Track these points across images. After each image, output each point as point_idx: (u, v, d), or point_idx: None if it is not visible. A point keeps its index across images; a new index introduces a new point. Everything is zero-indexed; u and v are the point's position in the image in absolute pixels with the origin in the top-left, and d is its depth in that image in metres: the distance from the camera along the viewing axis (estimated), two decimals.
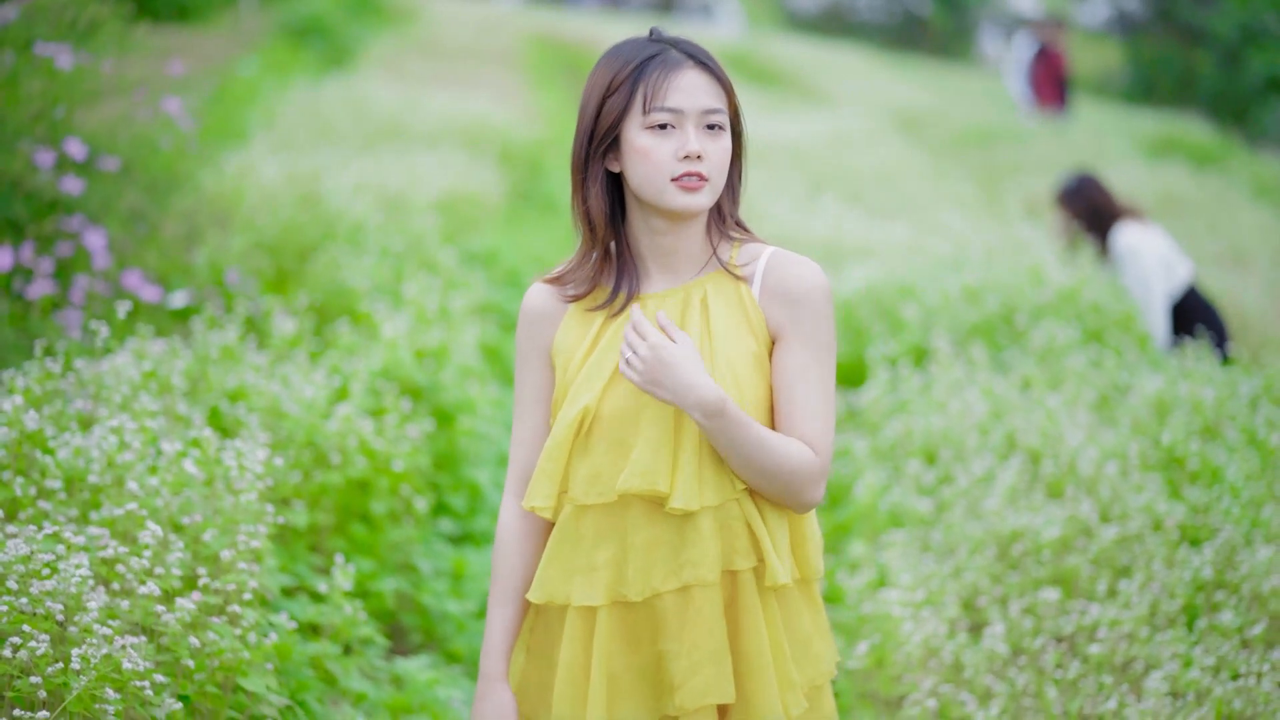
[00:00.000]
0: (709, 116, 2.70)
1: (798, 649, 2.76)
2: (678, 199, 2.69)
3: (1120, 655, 4.11)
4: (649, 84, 2.69)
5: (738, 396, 2.68)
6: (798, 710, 2.72)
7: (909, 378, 6.16)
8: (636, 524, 2.70)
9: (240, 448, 3.90)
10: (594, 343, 2.76)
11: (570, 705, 2.72)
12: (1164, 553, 4.51)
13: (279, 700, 3.54)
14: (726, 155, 2.72)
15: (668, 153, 2.68)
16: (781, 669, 2.72)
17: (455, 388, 5.79)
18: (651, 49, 2.73)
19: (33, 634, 3.03)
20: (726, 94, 2.74)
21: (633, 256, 2.80)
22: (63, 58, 6.36)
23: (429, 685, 4.23)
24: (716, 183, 2.72)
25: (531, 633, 2.82)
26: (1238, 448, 5.18)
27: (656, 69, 2.70)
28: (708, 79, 2.71)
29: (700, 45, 2.76)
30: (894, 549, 4.81)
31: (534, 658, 2.81)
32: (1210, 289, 8.45)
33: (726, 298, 2.75)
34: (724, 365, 2.69)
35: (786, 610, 2.76)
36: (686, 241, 2.77)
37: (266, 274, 6.87)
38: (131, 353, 4.56)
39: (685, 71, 2.70)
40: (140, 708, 3.14)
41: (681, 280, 2.78)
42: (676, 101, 2.68)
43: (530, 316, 2.85)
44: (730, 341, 2.72)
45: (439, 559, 5.21)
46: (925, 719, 4.06)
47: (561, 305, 2.83)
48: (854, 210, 10.09)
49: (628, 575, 2.70)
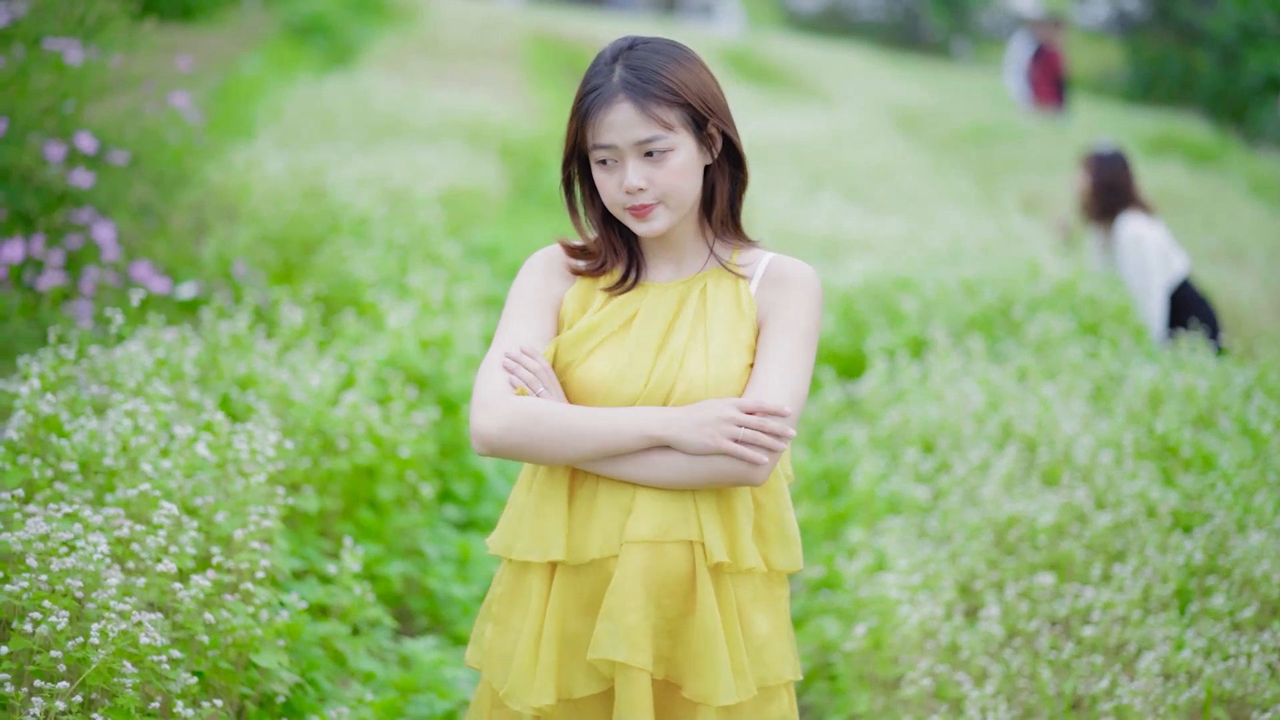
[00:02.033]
0: (645, 146, 2.75)
1: (751, 645, 2.82)
2: (637, 226, 2.81)
3: (1113, 637, 4.18)
4: (589, 122, 2.78)
5: (725, 385, 2.77)
6: (744, 695, 2.77)
7: (907, 368, 6.24)
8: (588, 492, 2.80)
9: (252, 431, 3.99)
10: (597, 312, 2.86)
11: (523, 666, 2.80)
12: (1157, 538, 4.59)
13: (290, 677, 3.62)
14: (678, 175, 2.77)
15: (614, 186, 2.79)
16: (734, 650, 2.78)
17: (460, 377, 5.87)
18: (599, 76, 2.79)
19: (53, 609, 3.11)
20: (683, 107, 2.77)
21: (640, 247, 2.91)
22: (72, 53, 6.44)
23: (436, 666, 4.31)
24: (672, 201, 2.79)
25: (497, 602, 2.89)
26: (1230, 436, 5.27)
27: (593, 103, 2.78)
28: (636, 109, 2.75)
29: (648, 62, 2.78)
30: (892, 535, 4.89)
31: (500, 628, 2.88)
32: (1206, 283, 8.53)
33: (725, 292, 2.86)
34: (715, 354, 2.79)
35: (744, 601, 2.82)
36: (678, 237, 2.88)
37: (272, 266, 6.95)
38: (144, 341, 4.64)
39: (615, 106, 2.75)
40: (156, 681, 3.21)
41: (684, 273, 2.89)
42: (609, 139, 2.76)
43: (544, 267, 2.92)
44: (723, 332, 2.81)
45: (445, 544, 5.30)
46: (922, 699, 4.14)
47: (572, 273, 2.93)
48: (852, 206, 10.17)
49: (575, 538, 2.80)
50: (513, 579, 2.87)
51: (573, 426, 2.73)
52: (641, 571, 2.75)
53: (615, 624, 2.74)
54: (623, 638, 2.74)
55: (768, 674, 2.84)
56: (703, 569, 2.78)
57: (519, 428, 2.74)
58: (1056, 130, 16.15)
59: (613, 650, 2.74)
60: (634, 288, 2.89)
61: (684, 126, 2.78)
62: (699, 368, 2.78)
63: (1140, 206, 7.72)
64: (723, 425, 2.70)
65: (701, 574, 2.77)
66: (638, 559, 2.76)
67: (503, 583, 2.90)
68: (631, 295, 2.88)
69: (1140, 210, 7.72)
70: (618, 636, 2.74)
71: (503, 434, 2.74)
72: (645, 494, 2.77)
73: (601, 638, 2.75)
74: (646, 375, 2.79)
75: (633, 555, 2.76)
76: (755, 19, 35.71)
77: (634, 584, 2.75)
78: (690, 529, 2.77)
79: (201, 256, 6.72)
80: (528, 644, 2.80)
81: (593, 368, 2.82)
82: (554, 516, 2.81)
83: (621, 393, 2.78)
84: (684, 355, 2.80)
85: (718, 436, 2.70)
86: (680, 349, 2.80)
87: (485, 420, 2.76)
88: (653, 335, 2.82)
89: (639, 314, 2.85)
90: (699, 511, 2.78)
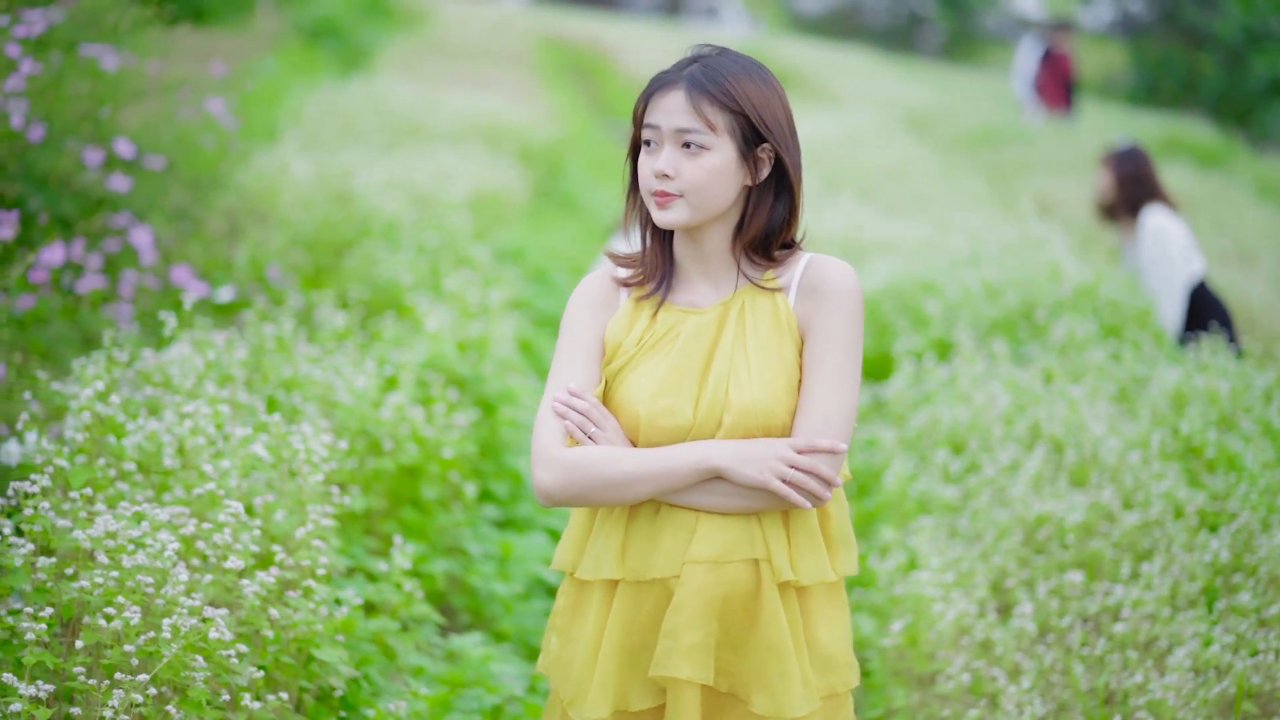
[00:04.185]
0: (684, 135, 2.79)
1: (820, 654, 2.85)
2: (656, 214, 2.84)
3: (1143, 634, 4.27)
4: (648, 104, 2.84)
5: (773, 406, 2.79)
6: (810, 707, 2.80)
7: (933, 370, 6.33)
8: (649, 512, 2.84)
9: (306, 432, 4.09)
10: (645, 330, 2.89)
11: (581, 678, 2.85)
12: (1184, 537, 4.68)
13: (349, 671, 3.72)
14: (707, 174, 2.79)
15: (649, 169, 2.83)
16: (800, 662, 2.80)
17: (496, 379, 5.98)
18: (673, 69, 2.85)
19: (125, 605, 3.20)
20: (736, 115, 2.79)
21: (673, 259, 2.93)
22: (107, 59, 6.53)
23: (483, 661, 4.41)
24: (694, 200, 2.80)
25: (560, 615, 2.95)
26: (1253, 437, 5.36)
27: (656, 88, 2.84)
28: (687, 100, 2.78)
29: (721, 67, 2.81)
30: (923, 534, 4.98)
31: (562, 639, 2.93)
32: (1217, 285, 8.60)
33: (764, 310, 2.86)
34: (757, 378, 2.80)
35: (809, 610, 2.85)
36: (709, 251, 2.88)
37: (304, 270, 7.06)
38: (192, 344, 4.74)
39: (671, 92, 2.81)
40: (224, 675, 3.31)
41: (720, 291, 2.89)
42: (655, 119, 2.82)
43: (591, 299, 2.95)
44: (765, 353, 2.82)
45: (486, 542, 5.41)
46: (958, 694, 4.24)
47: (617, 299, 2.95)
48: (867, 207, 10.26)
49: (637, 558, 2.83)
50: (575, 593, 2.93)
51: (627, 474, 2.77)
52: (703, 590, 2.78)
53: (676, 642, 2.77)
54: (684, 655, 2.77)
55: (835, 681, 2.87)
56: (768, 584, 2.80)
57: (576, 481, 2.78)
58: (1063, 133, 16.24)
59: (675, 668, 2.77)
60: (672, 306, 2.90)
61: (729, 134, 2.79)
62: (744, 393, 2.79)
63: (1165, 200, 7.77)
64: (773, 463, 2.74)
65: (766, 589, 2.80)
66: (700, 578, 2.79)
67: (566, 595, 2.95)
68: (673, 318, 2.89)
69: (1165, 204, 7.77)
70: (679, 654, 2.77)
71: (562, 488, 2.80)
72: (708, 515, 2.80)
73: (663, 655, 2.78)
74: (694, 402, 2.80)
75: (695, 575, 2.79)
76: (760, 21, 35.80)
77: (696, 603, 2.78)
78: (755, 548, 2.81)
79: (235, 260, 6.82)
80: (586, 657, 2.85)
81: (638, 392, 2.84)
82: (613, 536, 2.85)
83: (673, 424, 2.80)
84: (728, 381, 2.80)
85: (766, 473, 2.74)
86: (724, 374, 2.81)
87: (543, 476, 2.81)
88: (695, 362, 2.83)
89: (681, 339, 2.85)
90: (764, 530, 2.81)
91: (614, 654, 2.83)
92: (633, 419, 2.83)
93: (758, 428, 2.79)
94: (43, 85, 6.36)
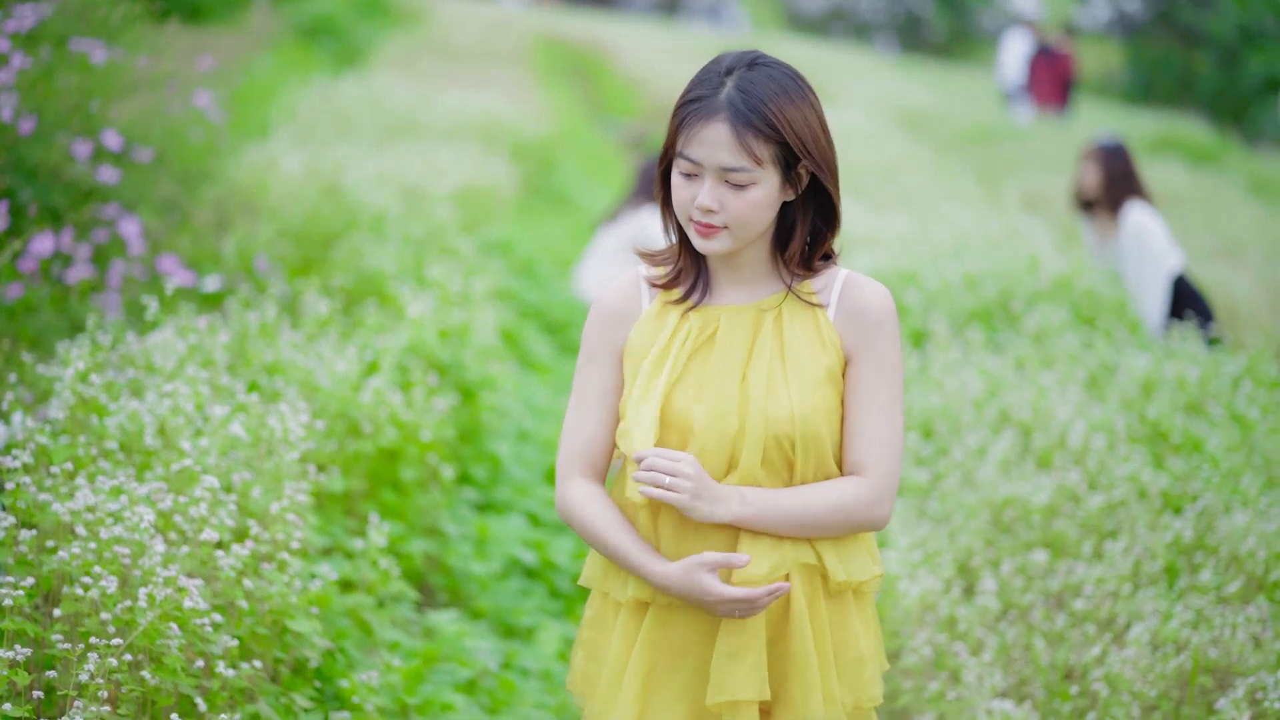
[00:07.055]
0: (728, 174, 2.71)
1: (850, 665, 2.80)
2: (697, 240, 2.78)
3: (1104, 611, 4.36)
4: (685, 129, 2.73)
5: (811, 414, 2.75)
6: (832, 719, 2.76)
7: (907, 358, 6.43)
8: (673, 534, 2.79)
9: (283, 412, 4.19)
10: (672, 334, 2.83)
11: (606, 696, 2.82)
12: (1147, 518, 4.77)
13: (322, 643, 3.82)
14: (751, 206, 2.72)
15: (688, 197, 2.75)
16: (825, 676, 2.77)
17: (477, 366, 6.08)
18: (708, 85, 2.74)
19: (102, 575, 3.29)
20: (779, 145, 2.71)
21: (706, 261, 2.87)
22: (97, 53, 6.63)
23: (458, 637, 4.51)
24: (738, 231, 2.75)
25: (586, 628, 2.92)
26: (1219, 422, 5.46)
27: (693, 112, 2.72)
28: (731, 134, 2.69)
29: (760, 89, 2.72)
30: (893, 515, 5.07)
31: (588, 653, 2.91)
32: (1204, 280, 8.69)
33: (802, 320, 2.82)
34: (796, 385, 2.76)
35: (842, 620, 2.81)
36: (744, 260, 2.84)
37: (292, 261, 7.15)
38: (175, 329, 4.85)
39: (713, 124, 2.70)
40: (199, 643, 3.40)
41: (754, 295, 2.85)
42: (697, 154, 2.72)
43: (605, 314, 2.89)
44: (804, 360, 2.78)
45: (464, 524, 5.51)
46: (922, 668, 4.33)
47: (639, 305, 2.89)
48: (857, 204, 10.35)
49: None
50: (600, 606, 2.90)
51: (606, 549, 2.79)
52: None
53: (740, 663, 2.73)
54: (748, 675, 2.73)
55: (863, 695, 2.82)
56: (813, 591, 2.78)
57: (572, 521, 2.85)
58: (1058, 130, 16.33)
59: (740, 689, 2.73)
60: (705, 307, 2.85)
61: (773, 163, 2.73)
62: (784, 403, 2.75)
63: (1144, 196, 7.88)
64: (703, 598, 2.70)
65: (796, 598, 2.76)
66: None
67: (592, 607, 2.92)
68: (705, 319, 2.83)
69: (1145, 200, 7.87)
70: (744, 675, 2.73)
71: (565, 517, 2.87)
72: (749, 534, 2.75)
73: (726, 678, 2.74)
74: (736, 411, 2.75)
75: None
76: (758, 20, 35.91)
77: (756, 621, 2.74)
78: (806, 553, 2.76)
79: (223, 251, 6.92)
80: (612, 674, 2.82)
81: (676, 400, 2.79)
82: None
83: (717, 430, 2.75)
84: (767, 388, 2.76)
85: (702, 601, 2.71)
86: (763, 380, 2.76)
87: (557, 496, 2.89)
88: (733, 365, 2.79)
89: (717, 342, 2.81)
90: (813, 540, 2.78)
91: (640, 672, 2.80)
92: (684, 434, 2.78)
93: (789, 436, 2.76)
94: (33, 79, 6.46)
